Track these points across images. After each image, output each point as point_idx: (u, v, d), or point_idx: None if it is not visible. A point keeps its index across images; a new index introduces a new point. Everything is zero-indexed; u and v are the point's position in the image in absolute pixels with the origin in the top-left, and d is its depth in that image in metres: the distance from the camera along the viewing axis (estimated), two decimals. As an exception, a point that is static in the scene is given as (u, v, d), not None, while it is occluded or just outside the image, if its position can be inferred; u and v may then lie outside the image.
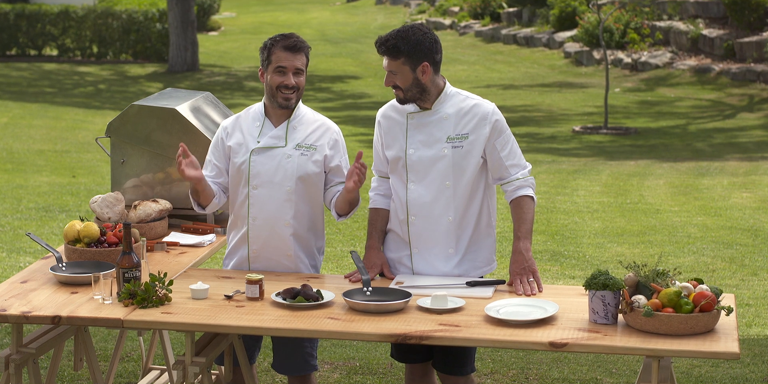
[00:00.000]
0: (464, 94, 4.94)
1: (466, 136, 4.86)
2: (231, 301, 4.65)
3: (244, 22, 31.61)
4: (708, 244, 9.53)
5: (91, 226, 5.13)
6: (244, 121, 5.10)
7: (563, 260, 9.02)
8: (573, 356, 6.63)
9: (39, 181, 12.37)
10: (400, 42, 4.76)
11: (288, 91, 4.97)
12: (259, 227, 5.03)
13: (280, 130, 5.04)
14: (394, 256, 5.02)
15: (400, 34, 4.78)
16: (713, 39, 20.89)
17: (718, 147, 15.58)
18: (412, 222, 4.92)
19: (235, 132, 5.08)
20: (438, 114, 4.89)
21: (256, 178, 5.02)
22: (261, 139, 5.04)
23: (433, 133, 4.88)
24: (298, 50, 4.95)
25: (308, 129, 5.07)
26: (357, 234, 9.84)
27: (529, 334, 4.27)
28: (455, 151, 4.85)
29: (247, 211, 5.05)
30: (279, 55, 4.94)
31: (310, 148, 5.04)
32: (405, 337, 4.28)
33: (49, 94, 21.01)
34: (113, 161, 5.87)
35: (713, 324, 4.26)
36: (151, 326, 4.56)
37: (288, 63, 4.93)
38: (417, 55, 4.78)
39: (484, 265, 4.97)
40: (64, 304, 4.60)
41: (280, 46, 4.94)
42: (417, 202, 4.90)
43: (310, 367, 5.13)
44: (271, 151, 5.02)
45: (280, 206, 5.01)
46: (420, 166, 4.88)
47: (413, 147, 4.90)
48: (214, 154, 5.14)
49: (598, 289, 4.32)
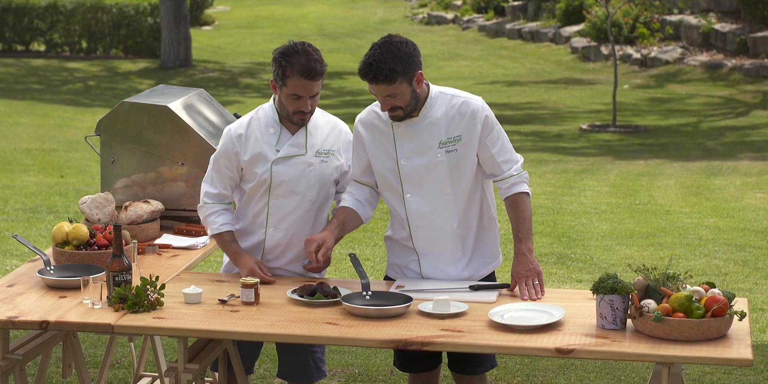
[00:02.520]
0: (449, 92, 4.85)
1: (458, 138, 4.80)
2: (225, 305, 4.65)
3: (239, 16, 31.62)
4: (720, 247, 9.53)
5: (80, 227, 5.13)
6: (257, 128, 4.99)
7: (570, 263, 9.02)
8: (580, 363, 6.63)
9: (26, 181, 12.37)
10: (395, 63, 4.62)
11: (304, 114, 4.91)
12: (278, 239, 5.02)
13: (299, 138, 4.98)
14: (401, 262, 5.01)
15: (389, 55, 4.61)
16: (725, 34, 20.90)
17: (731, 146, 15.58)
18: (415, 234, 4.91)
19: (249, 141, 4.97)
20: (426, 119, 4.80)
21: (278, 188, 4.98)
22: (280, 147, 4.97)
23: (424, 140, 4.80)
24: (318, 77, 4.82)
25: (323, 133, 5.04)
26: (356, 236, 9.85)
27: (534, 339, 4.27)
28: (450, 155, 4.80)
29: (265, 220, 5.03)
30: (296, 83, 4.80)
31: (328, 153, 5.02)
32: (406, 343, 4.28)
33: (37, 90, 21.01)
34: (103, 160, 5.87)
35: (725, 329, 4.26)
36: (142, 332, 4.56)
37: (306, 92, 4.83)
38: (411, 69, 4.68)
39: (491, 260, 4.98)
40: (52, 308, 4.60)
41: (297, 72, 4.78)
42: (417, 214, 4.87)
43: (321, 373, 5.12)
44: (292, 160, 4.97)
45: (302, 216, 5.00)
46: (415, 176, 4.83)
47: (404, 157, 4.83)
48: (228, 165, 5.00)
49: (606, 294, 4.33)
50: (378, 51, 4.63)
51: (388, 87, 4.66)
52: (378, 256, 9.07)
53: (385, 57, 4.62)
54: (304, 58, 4.78)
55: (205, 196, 5.07)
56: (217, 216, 5.04)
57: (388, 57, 4.62)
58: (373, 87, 4.68)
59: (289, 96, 4.85)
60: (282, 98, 4.89)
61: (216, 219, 5.04)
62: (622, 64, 21.66)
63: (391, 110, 4.74)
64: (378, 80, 4.64)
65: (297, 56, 4.79)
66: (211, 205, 5.05)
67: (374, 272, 8.48)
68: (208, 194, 5.06)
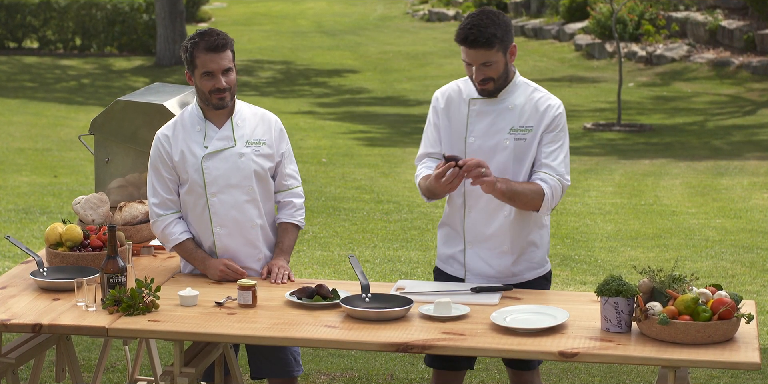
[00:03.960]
0: (532, 85, 4.95)
1: (530, 128, 4.88)
2: (222, 308, 4.65)
3: (235, 12, 31.61)
4: (727, 248, 9.53)
5: (73, 228, 5.13)
6: (182, 129, 5.06)
7: (574, 265, 9.02)
8: (584, 367, 6.64)
9: (18, 181, 12.37)
10: (495, 28, 4.73)
11: (221, 93, 4.97)
12: (226, 236, 5.05)
13: (226, 130, 5.04)
14: (448, 252, 5.05)
15: (488, 21, 4.73)
16: (733, 31, 20.90)
17: (738, 145, 15.58)
18: (468, 215, 4.94)
19: (177, 141, 5.03)
20: (504, 103, 4.89)
21: (213, 185, 5.01)
22: (208, 143, 5.02)
23: (496, 122, 4.88)
24: (222, 48, 4.93)
25: (251, 123, 5.09)
26: (355, 237, 9.85)
27: (537, 343, 4.27)
28: (518, 143, 4.87)
29: (209, 221, 5.05)
30: (203, 59, 4.91)
31: (259, 143, 5.06)
32: (406, 347, 4.28)
33: (30, 89, 21.01)
34: (97, 160, 5.87)
35: (733, 332, 4.26)
36: (137, 335, 4.57)
37: (214, 66, 4.92)
38: (508, 38, 4.79)
39: (538, 266, 5.02)
40: (46, 311, 4.60)
41: (202, 48, 4.91)
42: (474, 194, 4.90)
43: (300, 366, 5.13)
44: (222, 154, 5.01)
45: (244, 208, 5.04)
46: (480, 155, 4.85)
47: (473, 135, 4.90)
48: (165, 168, 5.05)
49: (611, 296, 4.33)
50: (477, 17, 4.77)
51: (486, 52, 4.75)
52: (378, 258, 9.07)
53: (485, 22, 4.74)
54: (206, 36, 4.95)
55: (154, 207, 5.08)
56: (173, 226, 5.07)
57: (488, 23, 4.74)
58: (471, 52, 4.77)
59: (202, 77, 4.93)
60: (198, 83, 4.97)
61: (173, 229, 5.07)
62: (627, 61, 21.67)
63: (482, 82, 4.82)
64: (478, 44, 4.74)
65: (199, 37, 4.95)
66: (163, 216, 5.08)
67: (374, 274, 8.48)
68: (156, 205, 5.08)
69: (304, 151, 14.51)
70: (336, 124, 17.27)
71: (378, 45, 25.47)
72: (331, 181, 12.51)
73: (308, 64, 23.73)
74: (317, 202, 11.21)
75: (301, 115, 18.12)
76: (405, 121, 17.65)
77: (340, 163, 13.84)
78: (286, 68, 23.25)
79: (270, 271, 5.01)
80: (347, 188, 12.15)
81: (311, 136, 15.94)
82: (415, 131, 16.40)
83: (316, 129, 16.70)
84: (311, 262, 8.98)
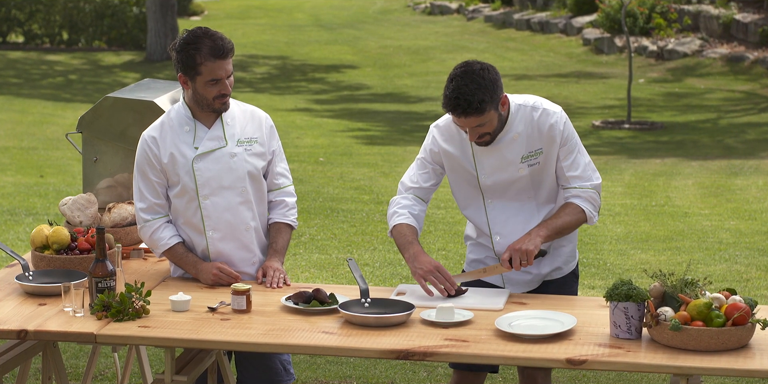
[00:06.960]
0: (528, 104, 4.94)
1: (540, 151, 4.93)
2: (215, 313, 4.65)
3: (229, 5, 31.63)
4: (741, 251, 9.54)
5: (60, 230, 5.13)
6: (170, 130, 5.03)
7: (582, 268, 9.02)
8: (593, 374, 6.64)
9: (3, 182, 12.38)
10: (482, 93, 4.69)
11: (225, 98, 4.97)
12: (220, 240, 5.04)
13: (216, 130, 5.03)
14: (478, 257, 5.13)
15: (474, 86, 4.67)
16: (747, 24, 20.91)
17: (752, 143, 15.59)
18: (496, 241, 5.03)
19: (165, 143, 5.01)
20: (508, 134, 4.92)
21: (205, 187, 5.00)
22: (198, 143, 5.01)
23: (505, 155, 4.92)
24: (229, 54, 4.90)
25: (242, 121, 5.09)
26: (354, 239, 9.85)
27: (544, 349, 4.27)
28: (532, 168, 4.94)
29: (201, 225, 5.05)
30: (210, 66, 4.86)
31: (251, 141, 5.06)
32: (407, 354, 4.28)
33: (15, 85, 21.02)
34: (85, 159, 5.87)
35: (747, 339, 4.26)
36: (126, 341, 4.57)
37: (222, 72, 4.89)
38: (497, 95, 4.78)
39: (563, 264, 5.13)
40: (31, 316, 4.60)
41: (207, 55, 4.84)
42: (499, 219, 5.01)
43: (290, 375, 5.13)
44: (213, 154, 5.01)
45: (238, 210, 5.04)
46: (497, 187, 4.98)
47: (485, 174, 4.96)
48: (152, 171, 5.03)
49: (621, 301, 4.33)
50: (462, 82, 4.69)
51: (478, 118, 4.74)
52: (377, 261, 9.07)
53: (470, 88, 4.68)
54: (209, 40, 4.87)
55: (141, 213, 5.07)
56: (162, 231, 5.07)
57: (474, 88, 4.69)
58: (462, 120, 4.75)
59: (206, 83, 4.90)
60: (198, 89, 4.92)
61: (162, 234, 5.06)
62: (637, 56, 21.68)
63: (479, 138, 4.83)
64: (469, 114, 4.71)
65: (201, 41, 4.86)
66: (151, 221, 5.07)
67: (373, 278, 8.49)
68: (143, 210, 5.07)
69: (301, 149, 14.52)
70: (334, 122, 17.28)
71: (378, 39, 25.49)
72: (328, 182, 12.51)
73: (305, 59, 23.75)
74: (314, 203, 11.21)
75: (297, 112, 18.14)
76: (406, 119, 17.66)
77: (338, 163, 13.84)
78: (282, 63, 23.27)
79: (265, 274, 5.00)
80: (346, 188, 12.16)
81: (308, 135, 15.95)
82: (416, 129, 16.41)
83: (313, 127, 16.71)
84: (308, 265, 8.99)
